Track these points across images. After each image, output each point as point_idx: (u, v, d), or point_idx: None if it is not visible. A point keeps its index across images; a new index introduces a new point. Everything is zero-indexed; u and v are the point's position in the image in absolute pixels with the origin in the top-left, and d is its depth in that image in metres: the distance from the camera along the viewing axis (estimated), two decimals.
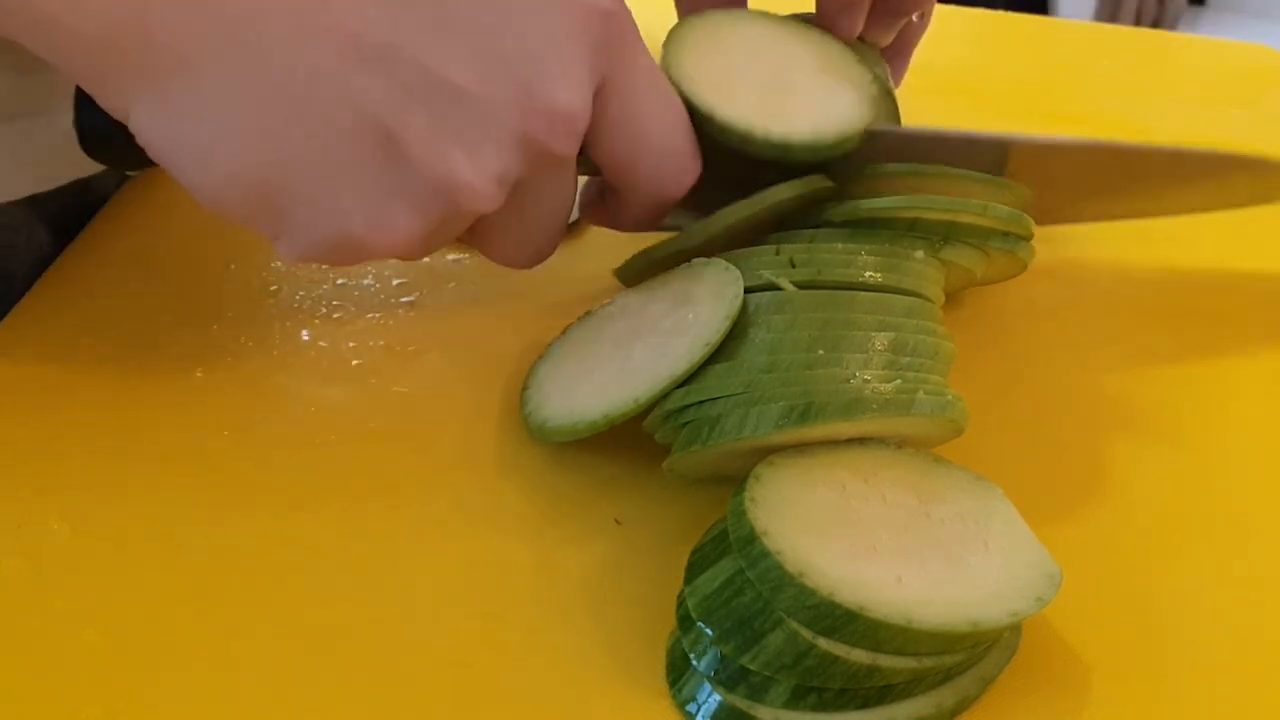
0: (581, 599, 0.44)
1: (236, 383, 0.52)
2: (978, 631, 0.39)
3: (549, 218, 0.47)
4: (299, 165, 0.40)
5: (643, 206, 0.50)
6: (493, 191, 0.42)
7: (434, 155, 0.41)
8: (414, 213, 0.42)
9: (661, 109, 0.48)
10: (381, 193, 0.41)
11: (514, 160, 0.42)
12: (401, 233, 0.42)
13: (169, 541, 0.45)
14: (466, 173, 0.41)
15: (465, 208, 0.42)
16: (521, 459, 0.49)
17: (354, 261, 0.43)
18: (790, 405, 0.42)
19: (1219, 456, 0.52)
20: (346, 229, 0.41)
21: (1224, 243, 0.66)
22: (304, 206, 0.41)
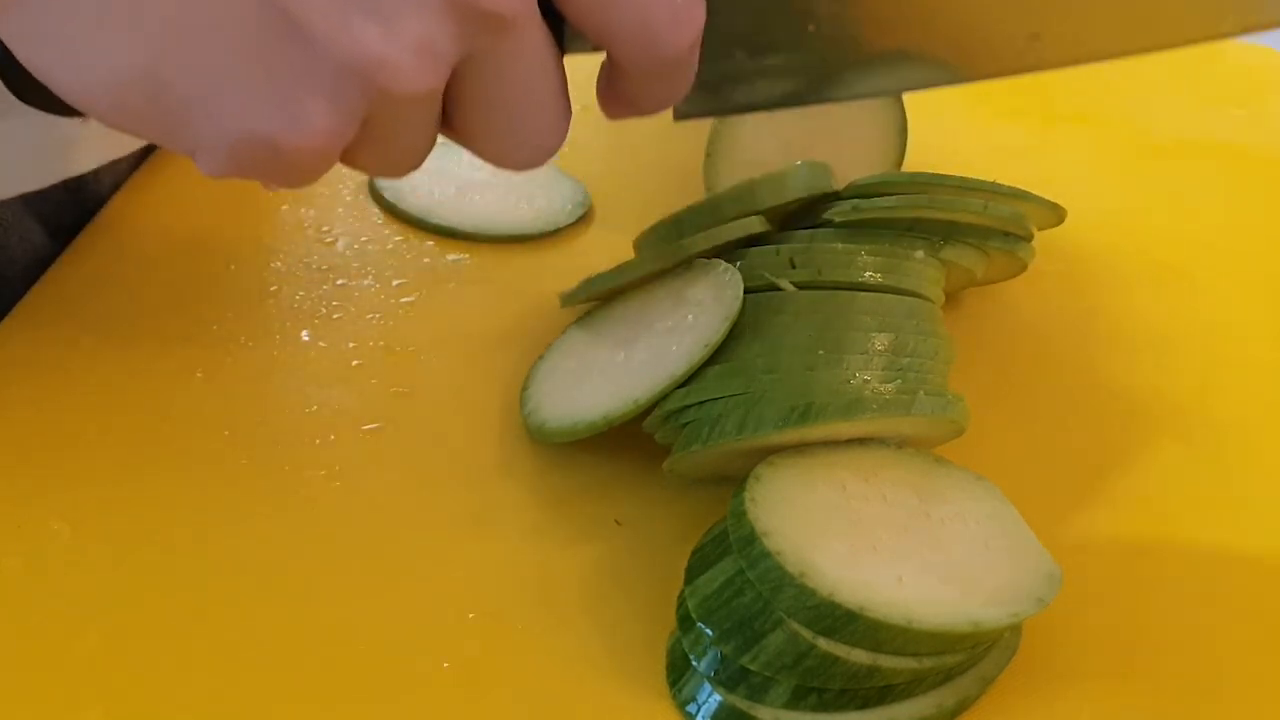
0: (582, 600, 0.44)
1: (237, 384, 0.52)
2: (978, 632, 0.39)
3: (526, 98, 0.39)
4: (184, 57, 0.35)
5: (645, 73, 0.41)
6: (416, 66, 0.35)
7: (339, 30, 0.34)
8: (329, 102, 0.35)
9: None
10: (287, 82, 0.35)
11: (441, 26, 0.35)
12: (319, 127, 0.36)
13: (169, 543, 0.45)
14: (380, 46, 0.34)
15: (387, 88, 0.35)
16: (521, 460, 0.49)
17: (284, 172, 0.37)
18: (791, 406, 0.42)
19: (1221, 455, 0.52)
20: (256, 129, 0.36)
21: (1224, 242, 0.66)
22: (201, 107, 0.36)
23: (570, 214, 0.63)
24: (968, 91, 0.77)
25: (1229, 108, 0.79)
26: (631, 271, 0.50)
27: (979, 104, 0.77)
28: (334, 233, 0.61)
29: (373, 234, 0.61)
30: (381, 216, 0.62)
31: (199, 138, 0.37)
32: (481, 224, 0.61)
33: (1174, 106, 0.79)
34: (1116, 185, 0.63)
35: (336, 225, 0.61)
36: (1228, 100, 0.80)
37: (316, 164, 0.37)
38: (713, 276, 0.47)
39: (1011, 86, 0.80)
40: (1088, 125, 0.76)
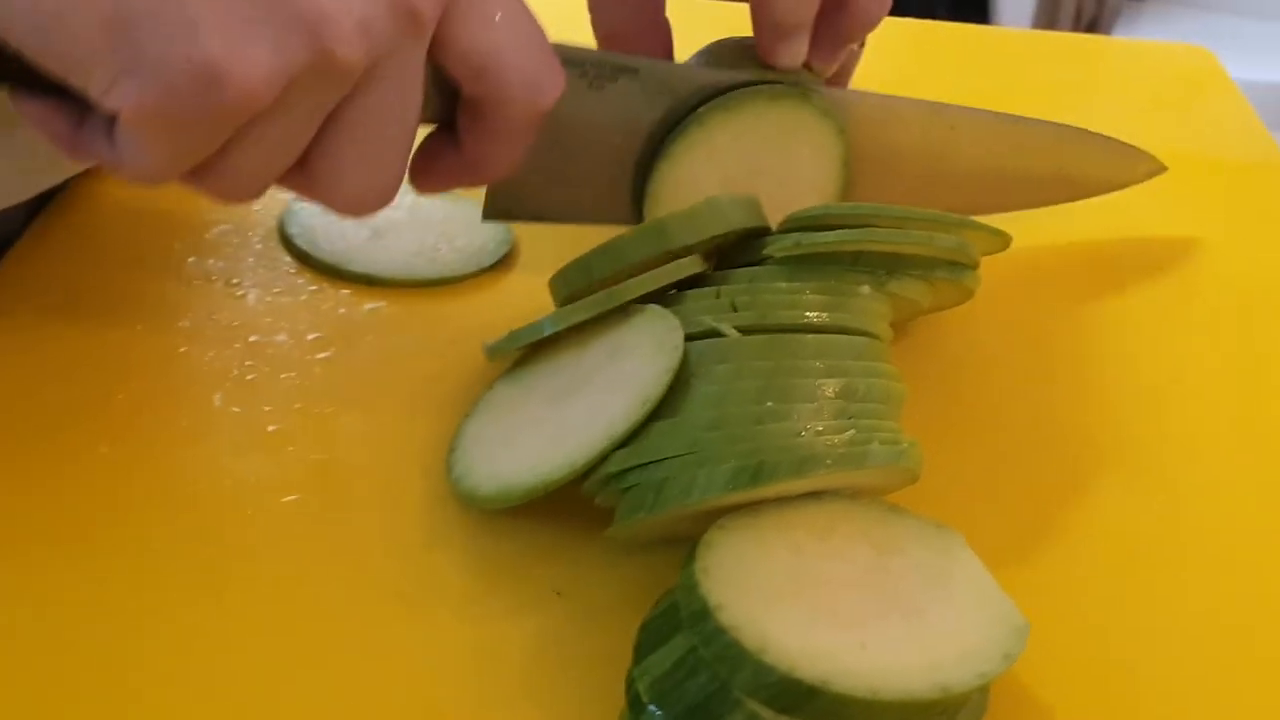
0: (523, 679, 0.41)
1: (145, 457, 0.49)
2: (946, 697, 0.37)
3: (395, 123, 0.43)
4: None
5: (505, 128, 0.46)
6: (355, 35, 0.39)
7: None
8: (276, 44, 0.38)
9: (519, 6, 0.45)
10: (245, 19, 0.38)
11: (379, 9, 0.40)
12: (262, 66, 0.38)
13: (68, 634, 0.42)
14: (333, 9, 0.38)
15: (328, 50, 0.39)
16: (451, 528, 0.46)
17: (206, 111, 0.38)
18: (740, 466, 0.40)
19: (1178, 486, 0.51)
20: (205, 53, 0.37)
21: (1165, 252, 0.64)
22: (157, 29, 0.37)
23: (493, 254, 0.60)
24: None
25: (1166, 110, 0.79)
26: (561, 321, 0.47)
27: None
28: (244, 285, 0.58)
29: (285, 284, 0.58)
30: (294, 265, 0.59)
31: (139, 61, 0.37)
32: (400, 269, 0.59)
33: (1107, 112, 0.78)
34: None
35: (246, 276, 0.58)
36: (1164, 103, 0.80)
37: (240, 109, 0.39)
38: (650, 324, 0.45)
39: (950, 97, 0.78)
40: None
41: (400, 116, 0.43)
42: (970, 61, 0.85)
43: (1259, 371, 0.58)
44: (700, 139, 0.52)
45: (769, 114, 0.53)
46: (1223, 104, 0.80)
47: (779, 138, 0.53)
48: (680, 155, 0.52)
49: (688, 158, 0.52)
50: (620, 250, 0.47)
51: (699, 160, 0.53)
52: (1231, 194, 0.65)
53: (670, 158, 0.52)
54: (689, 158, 0.52)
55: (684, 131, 0.52)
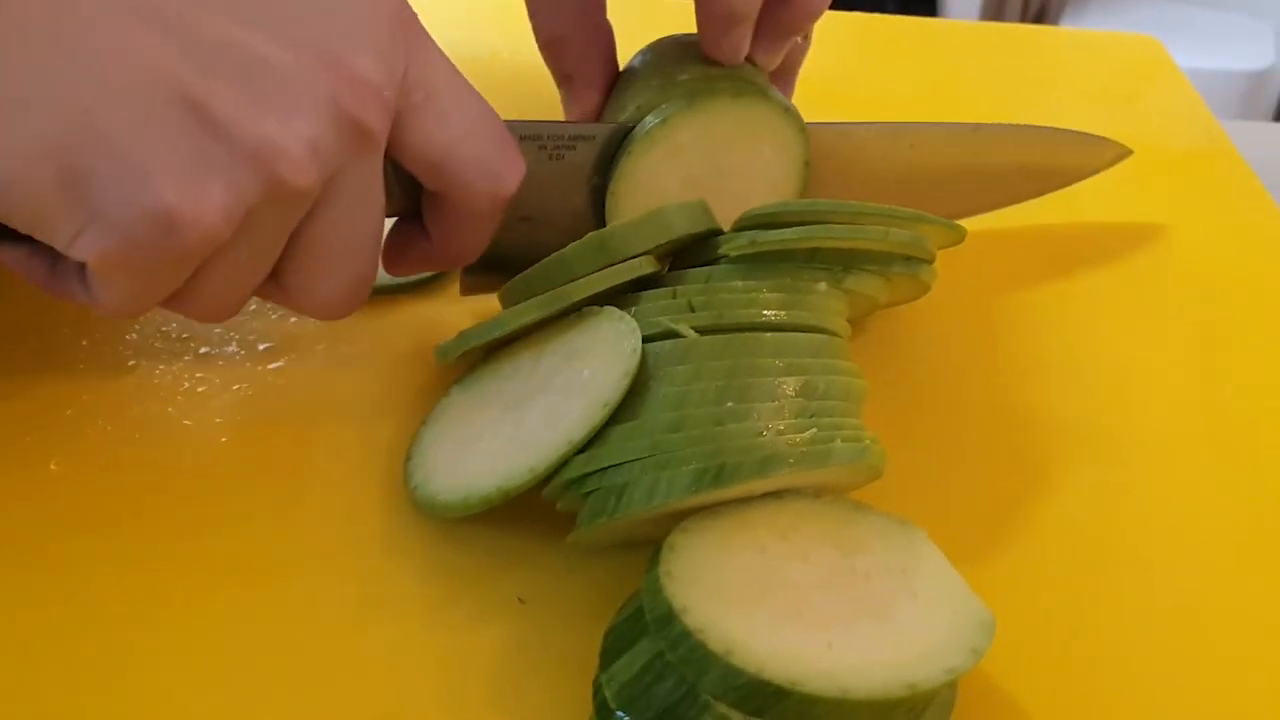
0: (487, 688, 0.41)
1: (96, 473, 0.48)
2: (915, 694, 0.37)
3: (360, 233, 0.44)
4: (100, 127, 0.37)
5: (468, 216, 0.47)
6: (307, 159, 0.40)
7: (245, 120, 0.39)
8: (228, 183, 0.39)
9: (469, 99, 0.46)
10: (192, 159, 0.38)
11: (326, 128, 0.40)
12: (217, 204, 0.39)
13: (26, 655, 0.41)
14: (278, 136, 0.39)
15: (281, 177, 0.40)
16: (410, 537, 0.46)
17: (169, 252, 0.39)
18: (702, 467, 0.39)
19: (1141, 477, 0.51)
20: (159, 201, 0.38)
21: (1118, 243, 0.65)
22: (110, 181, 0.38)
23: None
24: (856, 98, 0.76)
25: (1114, 100, 0.79)
26: (513, 321, 0.46)
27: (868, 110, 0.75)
28: None
29: None
30: None
31: (97, 213, 0.38)
32: None
33: (1057, 103, 0.78)
34: None
35: None
36: (1112, 93, 0.80)
37: (201, 248, 0.40)
38: (607, 326, 0.44)
39: (899, 91, 0.78)
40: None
41: (363, 225, 0.44)
42: (919, 54, 0.85)
43: (1217, 356, 0.58)
44: (661, 137, 0.52)
45: (731, 112, 0.52)
46: (1171, 93, 0.81)
47: (741, 136, 0.53)
48: (642, 154, 0.52)
49: (649, 157, 0.52)
50: (564, 265, 0.47)
51: (661, 158, 0.52)
52: (1181, 181, 0.65)
53: (632, 155, 0.52)
54: (650, 157, 0.52)
55: (646, 130, 0.52)
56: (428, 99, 0.44)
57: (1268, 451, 0.53)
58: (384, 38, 0.42)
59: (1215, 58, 2.16)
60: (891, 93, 0.78)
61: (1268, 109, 2.32)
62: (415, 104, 0.44)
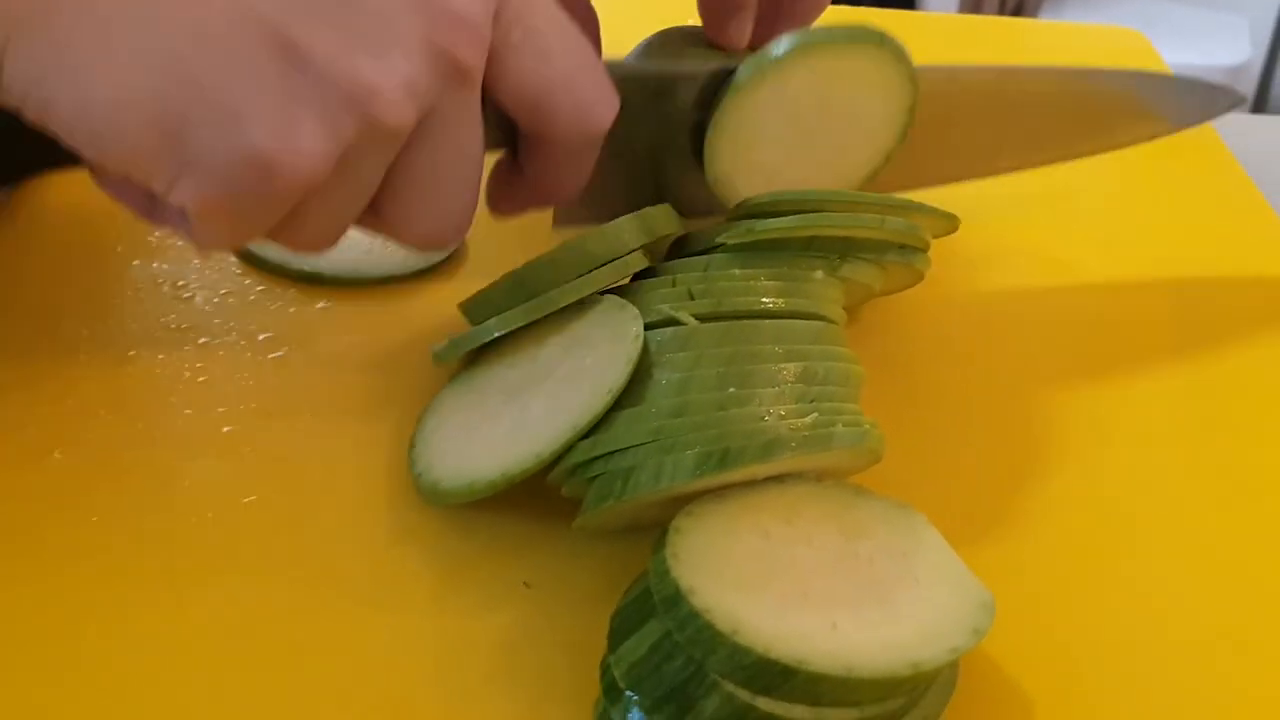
0: (495, 673, 0.41)
1: (99, 461, 0.48)
2: (919, 673, 0.37)
3: (459, 164, 0.44)
4: (195, 81, 0.37)
5: (565, 154, 0.47)
6: (403, 99, 0.39)
7: (339, 60, 0.38)
8: (324, 124, 0.39)
9: (565, 34, 0.45)
10: (287, 101, 0.38)
11: (421, 67, 0.40)
12: (313, 147, 0.38)
13: (32, 641, 0.41)
14: (375, 77, 0.39)
15: (376, 117, 0.39)
16: (415, 524, 0.46)
17: (263, 201, 0.39)
18: (706, 451, 0.40)
19: (1134, 459, 0.52)
20: (254, 145, 0.38)
21: (1107, 233, 0.65)
22: (206, 126, 0.38)
23: (441, 252, 0.60)
24: None
25: None
26: (503, 326, 0.47)
27: None
28: (190, 287, 0.57)
29: (232, 285, 0.57)
30: (239, 266, 0.58)
31: (194, 158, 0.38)
32: (348, 268, 0.58)
33: None
34: (1001, 185, 0.62)
35: (192, 279, 0.57)
36: None
37: (297, 189, 0.39)
38: (608, 315, 0.45)
39: None
40: None
41: (461, 159, 0.44)
42: None
43: (1208, 342, 0.59)
44: (770, 75, 0.51)
45: (845, 55, 0.52)
46: None
47: (851, 81, 0.52)
48: (749, 92, 0.52)
49: (754, 95, 0.52)
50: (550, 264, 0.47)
51: (766, 97, 0.52)
52: (1169, 171, 0.66)
53: (738, 93, 0.51)
54: (756, 96, 0.52)
55: (756, 67, 0.51)
56: (525, 36, 0.43)
57: (1258, 436, 0.53)
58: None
59: (1192, 53, 2.18)
60: None
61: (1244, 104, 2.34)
62: (512, 41, 0.43)
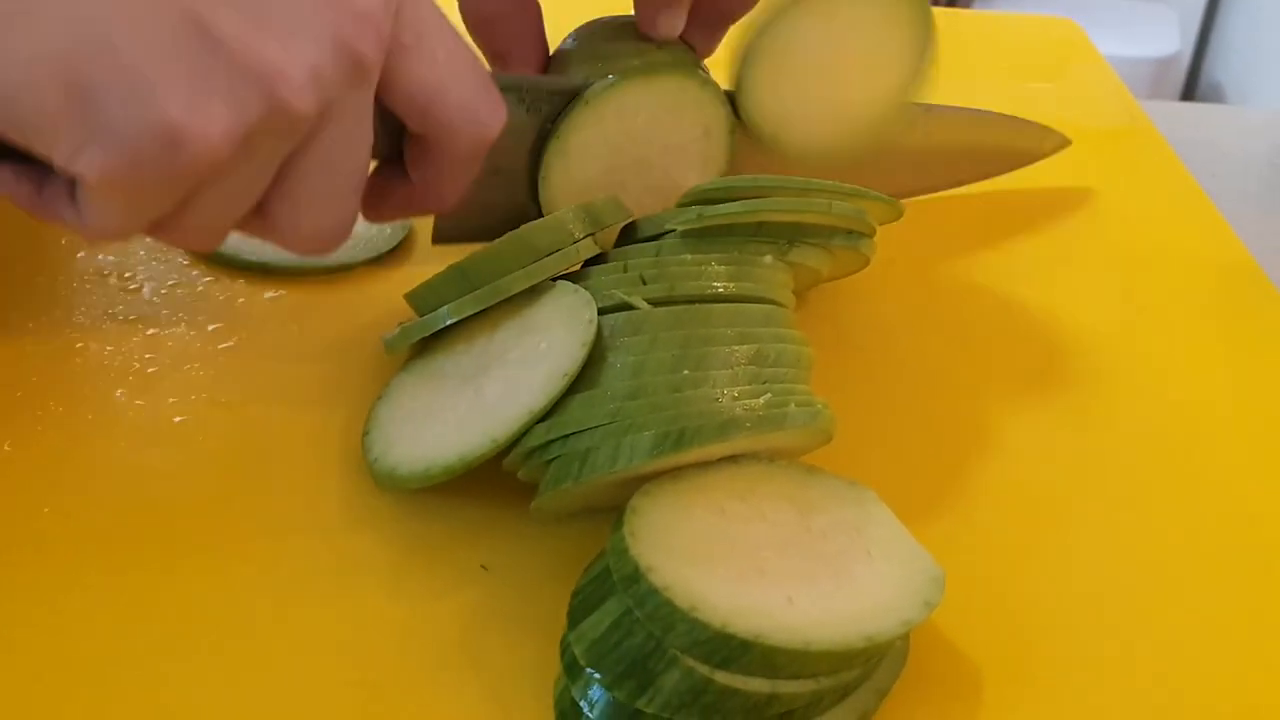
0: (457, 654, 0.41)
1: (50, 454, 0.48)
2: (872, 645, 0.38)
3: (347, 168, 0.44)
4: (110, 48, 0.37)
5: (451, 162, 0.48)
6: (307, 85, 0.40)
7: (250, 41, 0.39)
8: (231, 103, 0.39)
9: (458, 44, 0.46)
10: (198, 77, 0.38)
11: (327, 57, 0.41)
12: (220, 123, 0.39)
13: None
14: (282, 61, 0.39)
15: (282, 101, 0.40)
16: (371, 510, 0.46)
17: (165, 177, 0.39)
18: (663, 432, 0.40)
19: (1082, 430, 0.53)
20: (164, 116, 0.38)
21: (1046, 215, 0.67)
22: (116, 93, 0.38)
23: (390, 239, 0.60)
24: None
25: (1034, 83, 0.81)
26: (456, 314, 0.47)
27: None
28: (137, 278, 0.57)
29: (179, 276, 0.57)
30: (186, 257, 0.58)
31: (101, 126, 0.38)
32: (295, 258, 0.58)
33: (980, 85, 0.80)
34: None
35: (139, 270, 0.57)
36: (1033, 75, 0.82)
37: (201, 167, 0.39)
38: (562, 300, 0.45)
39: None
40: None
41: (352, 159, 0.44)
42: None
43: (1145, 318, 0.60)
44: (589, 118, 0.53)
45: (653, 87, 0.53)
46: (1092, 74, 0.83)
47: (665, 111, 0.54)
48: (569, 136, 0.53)
49: (577, 138, 0.53)
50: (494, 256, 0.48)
51: (590, 141, 0.53)
52: (1106, 158, 0.67)
53: (560, 137, 0.53)
54: (578, 138, 0.53)
55: (571, 112, 0.52)
56: (418, 40, 0.45)
57: (1194, 406, 0.55)
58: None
59: (1123, 44, 2.21)
60: None
61: (1173, 92, 2.38)
62: (405, 44, 0.44)
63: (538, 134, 0.53)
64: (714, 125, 0.55)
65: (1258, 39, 2.31)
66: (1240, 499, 0.50)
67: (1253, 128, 0.69)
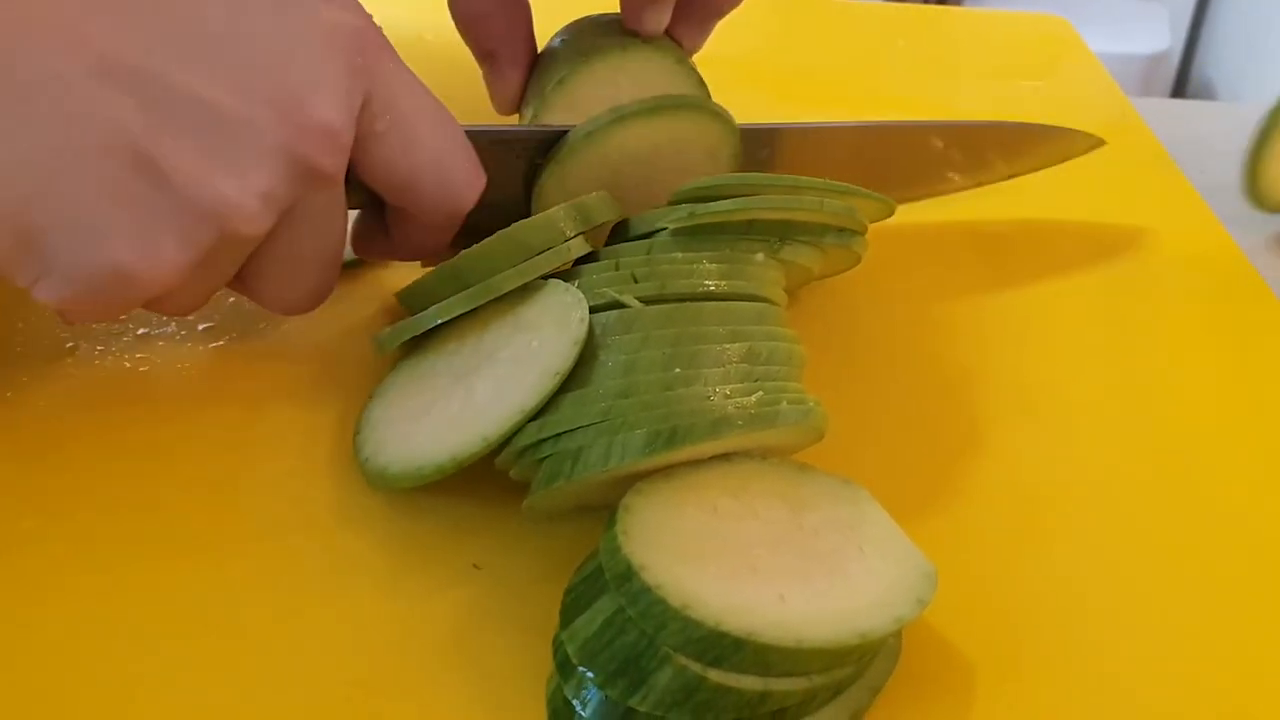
0: (449, 654, 0.41)
1: (41, 456, 0.48)
2: (865, 642, 0.38)
3: (321, 248, 0.46)
4: (57, 190, 0.38)
5: (429, 227, 0.49)
6: (261, 211, 0.41)
7: (198, 176, 0.39)
8: (182, 239, 0.40)
9: (433, 120, 0.47)
10: (147, 218, 0.39)
11: (281, 179, 0.41)
12: (171, 261, 0.40)
13: None
14: (233, 192, 0.40)
15: (234, 230, 0.41)
16: (363, 509, 0.46)
17: (122, 303, 0.41)
18: (655, 430, 0.40)
19: (1067, 433, 0.53)
20: (113, 259, 0.39)
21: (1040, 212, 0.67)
22: (65, 238, 0.39)
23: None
24: (769, 82, 0.77)
25: (1024, 80, 0.81)
26: (445, 313, 0.47)
27: (781, 94, 0.77)
28: None
29: None
30: None
31: (55, 265, 0.39)
32: None
33: (971, 82, 0.80)
34: None
35: None
36: (1023, 73, 0.82)
37: (155, 294, 0.41)
38: (553, 299, 0.45)
39: (811, 74, 0.80)
40: (889, 107, 0.77)
41: (322, 243, 0.46)
42: (829, 38, 0.87)
43: (1138, 318, 0.60)
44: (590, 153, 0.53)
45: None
46: (1082, 71, 0.83)
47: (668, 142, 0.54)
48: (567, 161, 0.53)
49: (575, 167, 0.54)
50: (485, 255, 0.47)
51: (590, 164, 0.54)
52: (1097, 156, 0.67)
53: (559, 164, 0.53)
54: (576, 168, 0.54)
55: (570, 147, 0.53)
56: (392, 126, 0.45)
57: (1184, 402, 0.55)
58: (342, 73, 0.43)
59: (1114, 41, 2.21)
60: (805, 74, 0.80)
61: (1164, 89, 2.39)
62: (378, 131, 0.45)
63: (530, 167, 0.54)
64: (720, 148, 0.55)
65: (1248, 35, 2.31)
66: (1230, 496, 0.50)
67: (1243, 124, 0.69)
